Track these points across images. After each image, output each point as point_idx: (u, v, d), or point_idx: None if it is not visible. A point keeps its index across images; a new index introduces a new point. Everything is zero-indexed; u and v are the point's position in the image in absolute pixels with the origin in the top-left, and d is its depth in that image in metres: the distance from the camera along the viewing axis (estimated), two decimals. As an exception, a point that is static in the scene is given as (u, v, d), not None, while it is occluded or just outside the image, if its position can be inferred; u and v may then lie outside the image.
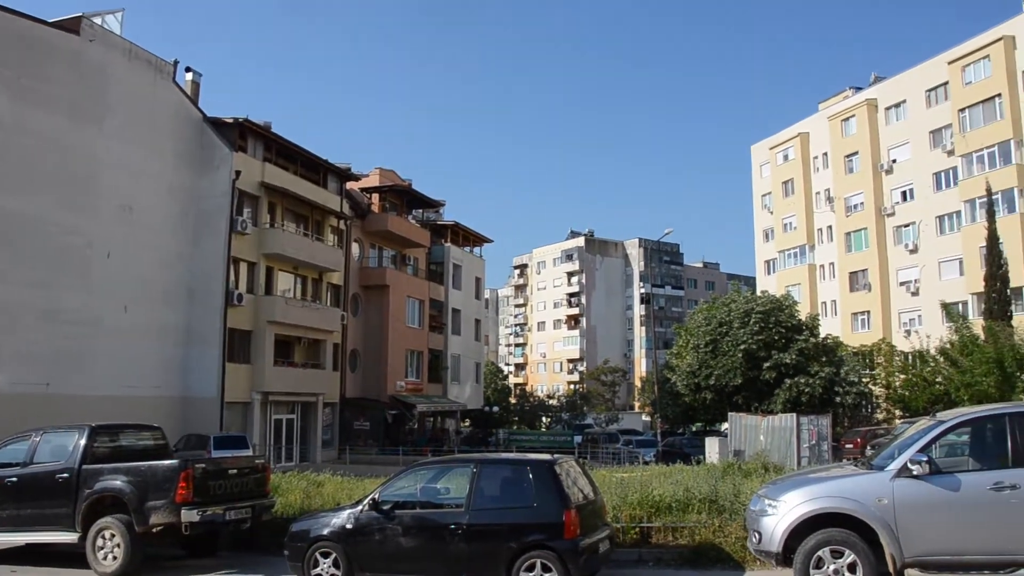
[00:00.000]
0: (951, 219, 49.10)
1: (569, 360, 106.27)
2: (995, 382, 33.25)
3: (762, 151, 66.36)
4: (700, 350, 40.79)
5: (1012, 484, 8.20)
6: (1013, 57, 45.99)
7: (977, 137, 46.98)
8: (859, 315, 54.81)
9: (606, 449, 43.52)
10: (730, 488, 13.48)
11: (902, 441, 9.31)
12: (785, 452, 27.49)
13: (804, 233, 60.43)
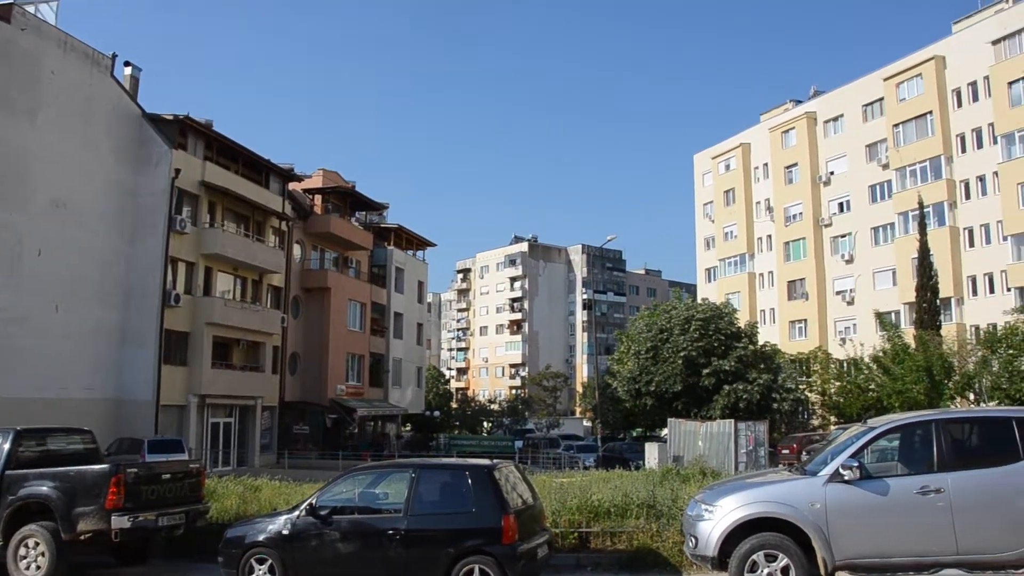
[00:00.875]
0: (885, 231, 50.37)
1: (511, 365, 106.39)
2: (924, 389, 34.10)
3: (704, 160, 67.30)
4: (641, 356, 41.10)
5: (937, 488, 8.45)
6: (944, 76, 47.46)
7: (910, 152, 48.29)
8: (796, 323, 55.83)
9: (547, 454, 43.62)
10: (668, 493, 13.59)
11: (834, 447, 9.51)
12: (723, 457, 27.86)
13: (744, 242, 61.40)
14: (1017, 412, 9.56)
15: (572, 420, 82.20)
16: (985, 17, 47.00)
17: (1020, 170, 42.04)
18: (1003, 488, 8.46)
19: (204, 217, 37.90)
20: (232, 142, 39.61)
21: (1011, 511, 8.39)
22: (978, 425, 9.70)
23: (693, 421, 31.67)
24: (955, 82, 47.08)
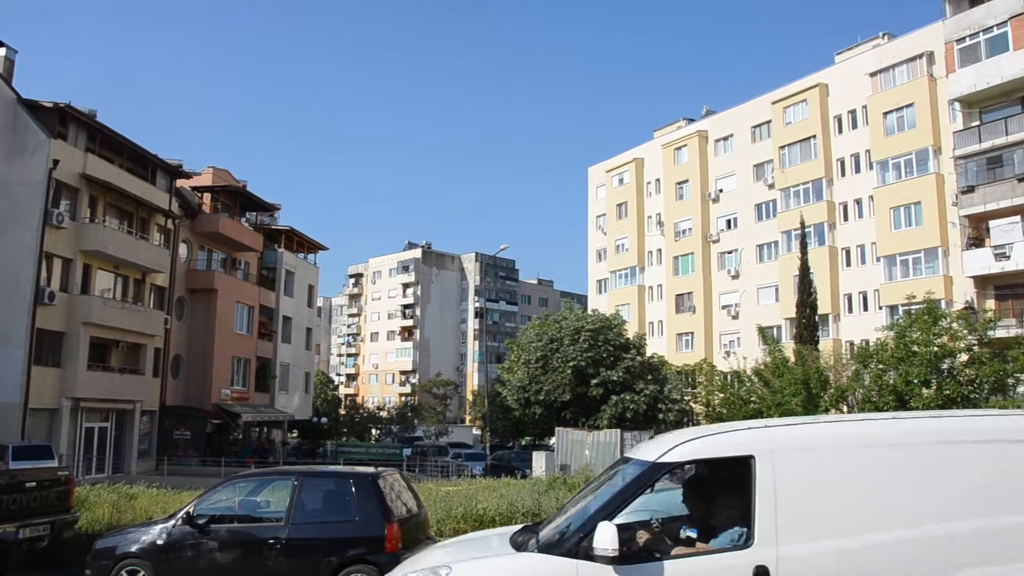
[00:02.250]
0: (770, 248, 52.19)
1: (402, 372, 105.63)
2: (801, 402, 35.40)
3: (599, 173, 68.38)
4: (531, 365, 41.47)
5: None
6: (827, 103, 49.63)
7: (794, 173, 50.24)
8: (684, 336, 57.23)
9: (435, 462, 43.45)
10: (553, 502, 13.74)
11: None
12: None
13: (635, 255, 62.61)
14: None
15: (462, 428, 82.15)
16: (864, 50, 49.38)
17: (893, 195, 44.24)
18: None
19: (84, 212, 36.37)
20: (116, 134, 38.15)
21: None
22: None
23: (580, 430, 32.13)
24: (837, 109, 49.27)
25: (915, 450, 6.13)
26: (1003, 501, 5.99)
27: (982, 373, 31.74)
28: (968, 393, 31.85)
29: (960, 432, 6.42)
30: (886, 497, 5.92)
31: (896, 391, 32.58)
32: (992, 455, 6.14)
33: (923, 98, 43.68)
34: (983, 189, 39.68)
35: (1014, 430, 6.42)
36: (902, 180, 44.18)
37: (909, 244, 43.32)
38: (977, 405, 31.34)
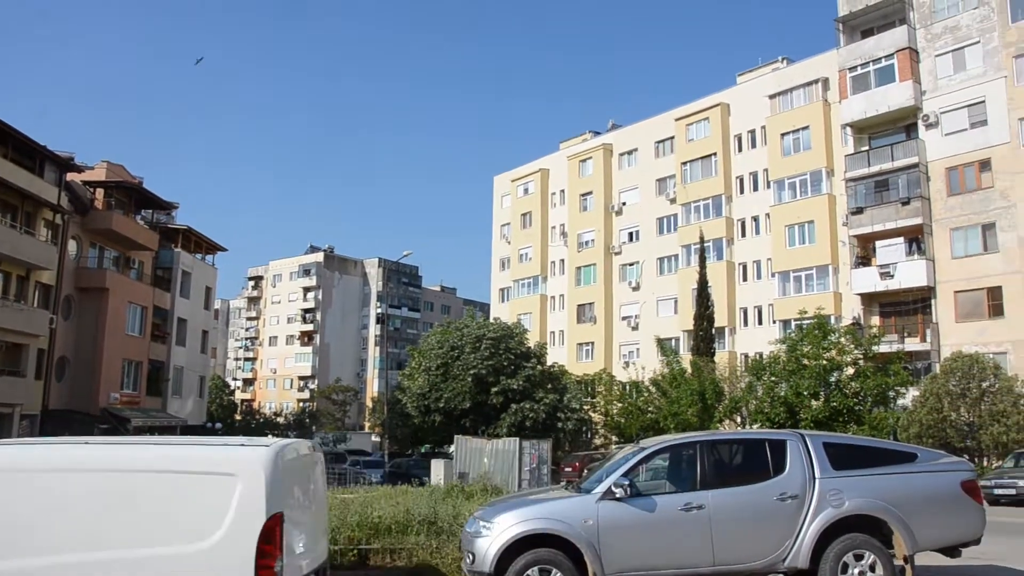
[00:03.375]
0: (670, 261, 53.26)
1: (300, 377, 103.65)
2: (697, 412, 36.24)
3: (504, 183, 68.63)
4: (432, 373, 41.20)
5: (699, 505, 9.03)
6: (728, 122, 51.06)
7: (695, 189, 51.45)
8: (584, 345, 57.82)
9: (332, 469, 42.43)
10: (450, 510, 13.61)
11: (608, 466, 9.89)
12: (508, 475, 28.28)
13: (538, 264, 63.02)
14: (771, 435, 10.35)
15: (360, 435, 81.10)
16: (764, 73, 51.05)
17: (788, 214, 45.73)
18: (755, 504, 9.16)
19: (-38, 203, 34.47)
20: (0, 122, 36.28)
21: (761, 525, 9.11)
22: (738, 446, 10.48)
23: (480, 439, 32.00)
24: (737, 128, 50.73)
25: (50, 477, 6.26)
26: (113, 533, 6.11)
27: (866, 386, 33.05)
28: (853, 405, 33.14)
29: (93, 461, 6.46)
30: (20, 523, 6.08)
31: (787, 403, 33.65)
32: (112, 486, 6.23)
33: (818, 122, 45.36)
34: (871, 211, 41.40)
35: (132, 460, 6.50)
36: (797, 200, 45.72)
37: (802, 261, 44.82)
38: (862, 417, 32.65)
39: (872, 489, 9.22)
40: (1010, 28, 38.45)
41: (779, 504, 9.08)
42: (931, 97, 40.67)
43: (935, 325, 39.09)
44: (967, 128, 39.26)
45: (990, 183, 38.28)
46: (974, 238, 38.60)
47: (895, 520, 9.08)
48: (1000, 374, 32.64)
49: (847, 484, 9.20)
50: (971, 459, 31.00)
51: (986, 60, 39.13)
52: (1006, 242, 37.39)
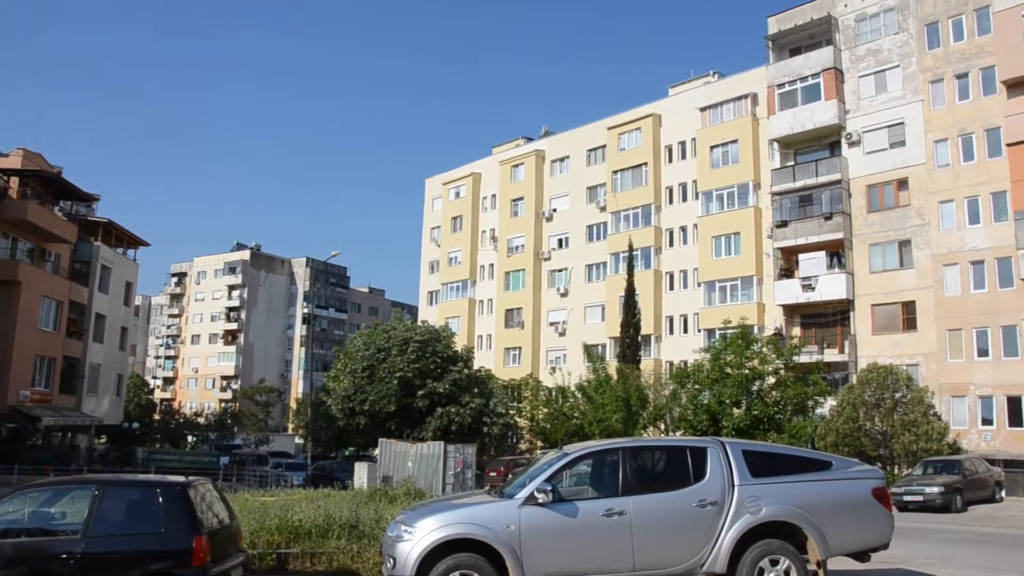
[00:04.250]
0: (598, 269, 53.73)
1: (223, 377, 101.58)
2: (622, 418, 36.65)
3: (436, 186, 68.41)
4: (357, 375, 40.82)
5: (620, 510, 9.10)
6: (659, 133, 51.81)
7: (625, 198, 52.03)
8: (511, 350, 57.94)
9: (254, 472, 41.87)
10: (372, 514, 13.51)
11: (531, 471, 9.92)
12: (432, 479, 28.19)
13: (468, 268, 62.95)
14: (692, 442, 10.50)
15: (284, 437, 79.87)
16: (696, 86, 51.96)
17: (715, 225, 46.58)
18: (676, 510, 9.29)
19: None
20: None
21: (680, 530, 9.23)
22: (659, 453, 10.61)
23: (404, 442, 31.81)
24: (668, 139, 51.47)
25: None
26: None
27: (787, 395, 33.88)
28: (774, 414, 33.92)
29: None
30: None
31: (710, 410, 34.27)
32: None
33: (746, 136, 46.32)
34: (795, 224, 42.43)
35: None
36: (724, 211, 46.59)
37: (728, 272, 45.66)
38: (782, 425, 33.43)
39: (788, 496, 9.43)
40: (927, 55, 39.90)
41: (699, 510, 9.21)
42: (854, 116, 41.91)
43: (853, 337, 40.21)
44: (887, 148, 40.58)
45: (907, 201, 39.60)
46: (891, 254, 39.86)
47: (809, 526, 9.29)
48: (912, 385, 33.80)
49: (765, 491, 9.38)
50: (883, 467, 32.04)
51: (905, 84, 40.51)
52: (920, 259, 38.70)
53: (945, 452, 31.98)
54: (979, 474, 29.39)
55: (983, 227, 37.03)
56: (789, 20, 45.12)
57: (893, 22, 41.47)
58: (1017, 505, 29.44)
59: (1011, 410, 35.24)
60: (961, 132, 38.28)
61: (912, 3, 40.73)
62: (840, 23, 43.23)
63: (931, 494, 26.33)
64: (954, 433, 34.66)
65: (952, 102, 38.84)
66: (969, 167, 37.82)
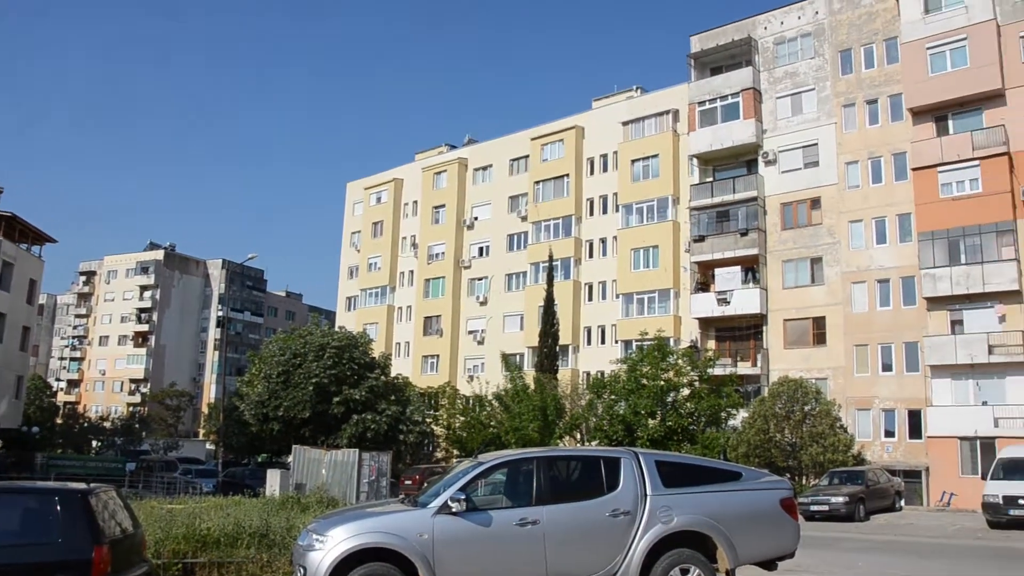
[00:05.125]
0: (518, 278, 53.92)
1: (132, 380, 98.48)
2: (538, 428, 36.80)
3: (357, 190, 67.77)
4: (272, 380, 40.06)
5: (534, 520, 9.12)
6: (582, 145, 52.34)
7: (547, 208, 52.38)
8: (429, 358, 57.67)
9: (162, 478, 40.69)
10: (284, 522, 13.26)
11: (446, 480, 9.87)
12: (346, 487, 27.86)
13: (387, 274, 62.47)
14: (606, 452, 10.61)
15: (194, 443, 77.86)
16: (619, 100, 52.70)
17: (634, 238, 47.21)
18: (589, 519, 9.34)
19: None
20: None
21: (593, 540, 9.28)
22: (573, 463, 10.69)
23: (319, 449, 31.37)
24: (590, 152, 52.02)
25: None
26: None
27: (700, 407, 34.52)
28: (688, 425, 34.51)
29: None
30: None
31: (625, 421, 34.69)
32: None
33: (667, 151, 47.13)
34: (712, 239, 43.31)
35: None
36: (643, 224, 47.26)
37: (645, 284, 46.32)
38: (695, 436, 34.03)
39: (699, 506, 9.58)
40: (840, 80, 41.35)
41: (611, 520, 9.28)
42: (771, 136, 43.06)
43: (765, 350, 41.20)
44: (801, 167, 41.82)
45: (819, 220, 40.84)
46: (803, 270, 41.02)
47: (719, 535, 9.45)
48: (821, 398, 34.83)
49: (676, 501, 9.51)
50: (792, 478, 32.90)
51: (820, 106, 41.86)
52: (830, 276, 39.94)
53: (850, 463, 33.03)
54: (881, 484, 30.43)
55: (889, 247, 38.46)
56: (711, 40, 46.14)
57: (810, 47, 42.80)
58: (915, 514, 30.58)
59: (911, 423, 36.66)
60: (871, 155, 39.73)
61: (827, 30, 42.16)
62: (760, 45, 44.40)
63: (836, 504, 27.12)
64: (859, 445, 35.90)
65: (863, 126, 40.29)
66: (877, 189, 39.26)
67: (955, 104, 37.42)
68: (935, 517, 29.11)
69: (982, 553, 18.81)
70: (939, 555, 18.47)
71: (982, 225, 35.38)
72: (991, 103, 36.57)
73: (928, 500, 34.88)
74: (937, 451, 35.08)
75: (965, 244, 35.66)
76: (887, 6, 40.24)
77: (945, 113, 37.88)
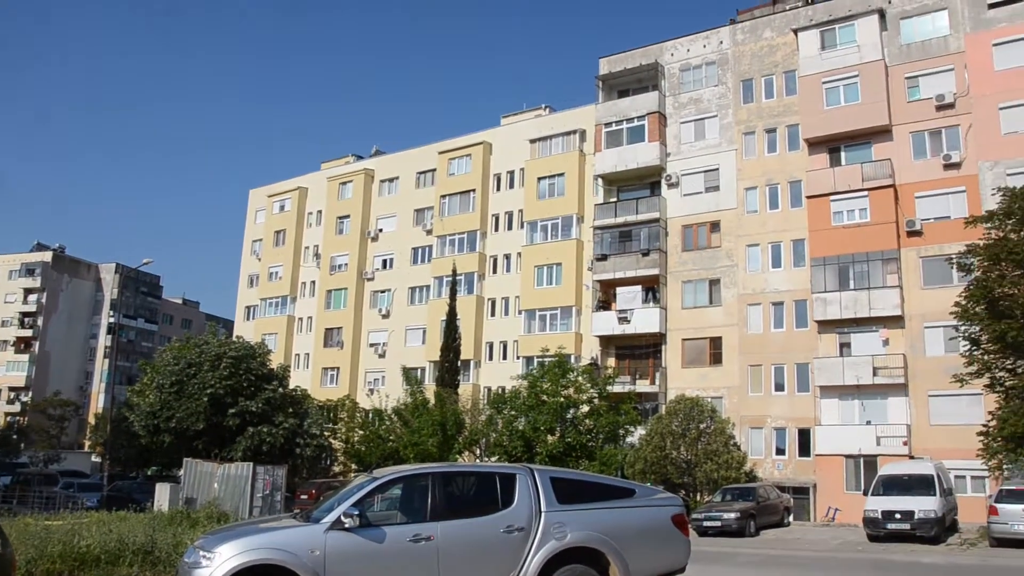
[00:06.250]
0: (422, 292, 53.71)
1: (12, 388, 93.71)
2: (437, 443, 36.66)
3: (260, 197, 66.50)
4: (165, 390, 38.74)
5: (428, 536, 9.06)
6: (489, 161, 52.61)
7: (452, 223, 52.38)
8: (329, 370, 56.84)
9: (41, 493, 38.77)
10: (170, 538, 12.85)
11: (340, 495, 9.71)
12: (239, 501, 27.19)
13: (288, 284, 61.40)
14: (501, 469, 10.60)
15: (79, 455, 74.48)
16: (527, 118, 53.16)
17: (538, 255, 47.60)
18: (483, 536, 9.34)
19: None
20: None
21: (487, 556, 9.28)
22: (469, 479, 10.63)
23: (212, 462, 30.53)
24: (497, 167, 52.30)
25: None
26: None
27: (599, 424, 34.97)
28: (587, 441, 34.89)
29: None
30: None
31: (525, 437, 34.85)
32: None
33: (573, 170, 47.75)
34: (614, 259, 44.02)
35: None
36: (548, 242, 47.70)
37: (548, 301, 46.70)
38: (594, 453, 34.42)
39: (592, 522, 9.66)
40: (742, 108, 42.77)
41: (506, 536, 9.28)
42: (674, 159, 44.12)
43: (664, 369, 42.02)
44: (703, 191, 43.00)
45: (718, 243, 42.01)
46: (702, 291, 42.07)
47: (611, 551, 9.55)
48: (716, 417, 35.80)
49: (570, 518, 9.57)
50: (687, 494, 33.64)
51: (722, 133, 43.15)
52: (728, 297, 41.08)
53: (743, 480, 33.97)
54: (771, 500, 31.37)
55: (784, 271, 39.83)
56: (620, 63, 47.07)
57: (714, 75, 44.10)
58: (802, 529, 31.62)
59: (801, 441, 37.92)
60: (768, 182, 41.14)
61: (731, 60, 43.57)
62: (666, 71, 45.50)
63: (728, 520, 27.81)
64: (751, 462, 36.96)
65: (762, 154, 41.71)
66: (774, 215, 40.64)
67: (847, 137, 39.17)
68: (821, 532, 30.15)
69: (861, 565, 19.65)
70: (821, 567, 19.30)
71: (870, 253, 37.04)
72: (879, 138, 38.47)
73: (815, 515, 36.09)
74: (824, 468, 36.38)
75: (854, 270, 37.26)
76: (787, 40, 41.83)
77: (838, 145, 39.63)
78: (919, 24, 38.76)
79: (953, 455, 32.15)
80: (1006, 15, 36.55)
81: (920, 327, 35.78)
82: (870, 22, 39.22)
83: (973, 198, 35.18)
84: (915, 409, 35.35)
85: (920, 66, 38.21)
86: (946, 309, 30.18)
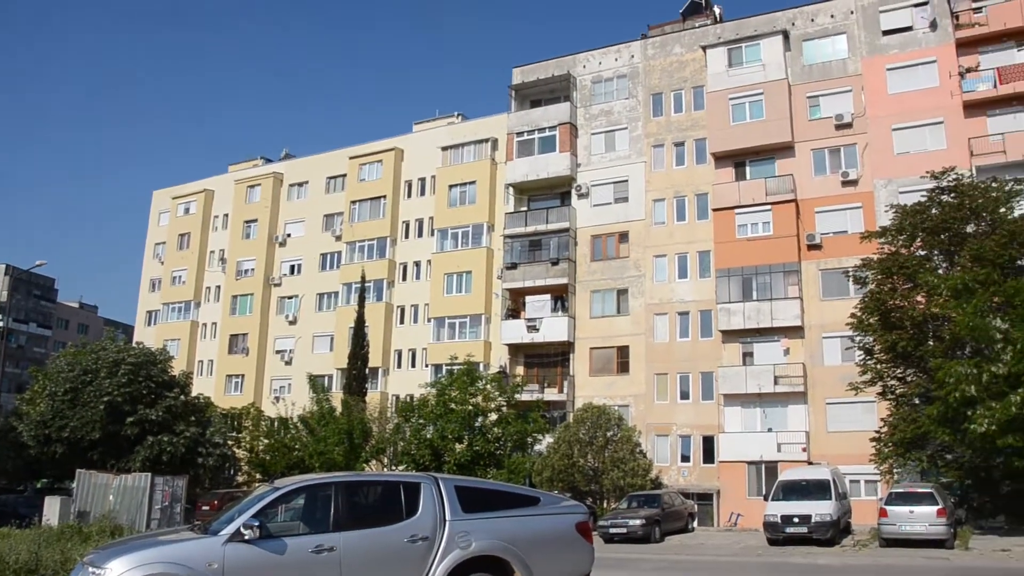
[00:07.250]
0: (330, 298, 52.98)
1: None
2: (344, 452, 36.14)
3: (164, 199, 64.61)
4: (57, 398, 37.19)
5: (330, 546, 8.87)
6: (400, 168, 52.34)
7: (362, 229, 51.87)
8: (234, 377, 55.54)
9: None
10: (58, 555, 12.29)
11: (240, 506, 9.45)
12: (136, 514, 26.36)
13: (192, 289, 59.78)
14: (405, 478, 10.55)
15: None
16: (440, 125, 53.04)
17: (448, 262, 47.51)
18: (386, 545, 9.22)
19: None
20: None
21: (391, 566, 9.17)
22: (373, 488, 10.54)
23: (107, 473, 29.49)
24: (409, 174, 52.03)
25: None
26: None
27: (507, 432, 35.02)
28: (495, 450, 34.89)
29: None
30: None
31: (433, 445, 34.65)
32: None
33: (484, 178, 47.86)
34: (524, 267, 44.27)
35: None
36: (458, 250, 47.67)
37: (458, 309, 46.64)
38: (502, 461, 34.43)
39: (497, 531, 9.65)
40: (651, 121, 43.63)
41: (410, 546, 9.19)
42: (585, 170, 44.65)
43: (572, 377, 42.39)
44: (612, 202, 43.64)
45: (627, 253, 42.67)
46: (610, 301, 42.64)
47: (516, 559, 9.54)
48: (623, 424, 36.29)
49: (475, 526, 9.54)
50: (594, 501, 33.95)
51: (631, 145, 43.90)
52: (635, 307, 41.73)
53: (648, 487, 34.49)
54: (676, 507, 31.90)
55: (690, 281, 40.70)
56: (532, 73, 47.44)
57: (624, 88, 44.85)
58: (706, 534, 32.27)
59: (705, 448, 38.74)
60: (676, 194, 42.02)
61: (641, 74, 44.39)
62: (578, 82, 46.07)
63: (633, 526, 28.17)
64: (657, 469, 37.61)
65: (670, 166, 42.59)
66: (681, 226, 41.51)
67: (752, 152, 40.37)
68: (723, 537, 30.81)
69: (760, 568, 20.16)
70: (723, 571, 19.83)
71: (772, 265, 38.18)
72: (782, 154, 39.77)
73: (718, 521, 36.90)
74: (727, 475, 37.25)
75: (757, 282, 38.33)
76: (696, 56, 42.86)
77: (743, 160, 40.81)
78: (820, 46, 40.30)
79: (849, 460, 33.31)
80: (898, 42, 38.34)
81: (819, 337, 37.04)
82: (775, 42, 40.54)
83: (869, 214, 36.68)
84: (813, 416, 36.54)
85: (821, 86, 39.68)
86: (843, 320, 31.52)
